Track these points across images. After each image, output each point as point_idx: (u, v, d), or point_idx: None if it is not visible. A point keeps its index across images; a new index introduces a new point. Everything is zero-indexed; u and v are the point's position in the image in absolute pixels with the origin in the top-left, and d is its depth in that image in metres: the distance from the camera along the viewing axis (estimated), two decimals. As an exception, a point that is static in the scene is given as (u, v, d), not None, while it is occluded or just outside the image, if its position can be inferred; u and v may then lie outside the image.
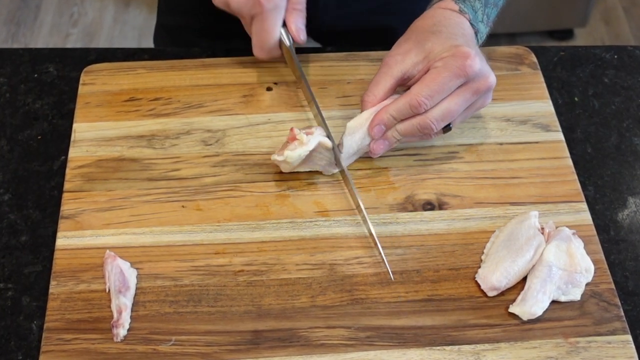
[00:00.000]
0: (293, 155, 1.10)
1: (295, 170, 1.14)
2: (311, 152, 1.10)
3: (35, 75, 1.31)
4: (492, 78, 1.11)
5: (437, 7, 1.17)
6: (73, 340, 1.00)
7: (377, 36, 1.55)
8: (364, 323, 1.02)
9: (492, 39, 1.22)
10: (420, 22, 1.17)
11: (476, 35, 1.16)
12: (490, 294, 1.04)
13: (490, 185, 1.16)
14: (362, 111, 1.14)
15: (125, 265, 1.05)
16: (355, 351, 1.00)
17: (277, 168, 1.16)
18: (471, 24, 1.16)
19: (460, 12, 1.16)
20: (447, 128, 1.13)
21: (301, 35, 1.19)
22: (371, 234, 1.09)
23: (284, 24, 1.19)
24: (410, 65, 1.12)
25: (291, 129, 1.11)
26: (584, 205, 1.14)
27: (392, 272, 1.06)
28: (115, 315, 1.01)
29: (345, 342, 1.01)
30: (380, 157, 1.17)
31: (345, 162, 1.14)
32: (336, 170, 1.15)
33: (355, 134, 1.13)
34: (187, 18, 1.58)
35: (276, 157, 1.11)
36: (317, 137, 1.10)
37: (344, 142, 1.13)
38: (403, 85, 1.14)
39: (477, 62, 1.08)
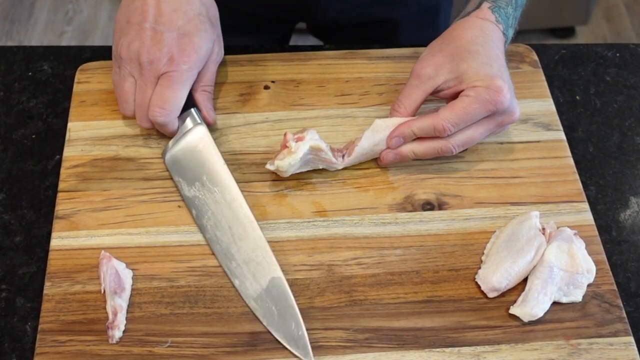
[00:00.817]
0: (283, 165, 1.10)
1: (298, 171, 1.14)
2: (306, 155, 1.11)
3: (30, 74, 1.31)
4: (517, 114, 1.12)
5: (474, 17, 1.16)
6: (68, 342, 1.00)
7: (379, 29, 1.55)
8: (363, 324, 1.02)
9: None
10: (457, 32, 1.15)
11: (505, 43, 1.17)
12: (491, 295, 1.05)
13: (491, 185, 1.16)
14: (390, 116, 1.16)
15: (120, 266, 1.05)
16: (354, 353, 1.00)
17: (274, 167, 1.16)
18: (503, 33, 1.16)
19: (496, 22, 1.15)
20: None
21: (212, 115, 1.18)
22: None
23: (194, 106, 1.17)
24: (442, 81, 1.12)
25: (285, 134, 1.11)
26: (586, 205, 1.14)
27: (390, 272, 1.07)
28: (110, 316, 1.01)
29: (344, 344, 1.01)
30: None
31: (353, 158, 1.15)
32: (341, 167, 1.16)
33: (378, 133, 1.13)
34: None
35: (269, 167, 1.12)
36: (308, 142, 1.11)
37: (364, 136, 1.13)
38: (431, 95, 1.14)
39: (508, 98, 1.09)
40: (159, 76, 1.11)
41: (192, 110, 1.16)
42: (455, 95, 1.11)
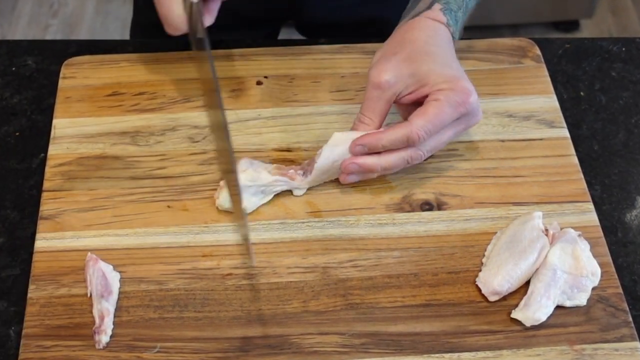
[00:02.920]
0: (220, 203, 1.10)
1: (261, 203, 1.13)
2: (248, 187, 1.10)
3: (13, 69, 1.31)
4: (480, 114, 1.12)
5: (425, 17, 1.14)
6: (53, 347, 1.00)
7: (369, 28, 1.55)
8: (359, 329, 1.02)
9: (494, 31, 1.21)
10: (410, 34, 1.13)
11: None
12: (492, 298, 1.05)
13: (492, 185, 1.16)
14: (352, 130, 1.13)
15: (107, 268, 1.05)
16: (350, 359, 1.00)
17: (267, 166, 1.16)
18: (452, 35, 1.14)
19: (447, 24, 1.14)
20: None
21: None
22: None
23: None
24: (403, 87, 1.10)
25: None
26: (590, 206, 1.14)
27: (388, 275, 1.07)
28: (97, 321, 1.01)
29: (339, 350, 1.01)
30: (376, 154, 1.17)
31: (313, 178, 1.12)
32: (305, 187, 1.14)
33: (338, 147, 1.11)
34: None
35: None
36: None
37: (323, 152, 1.11)
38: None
39: (476, 99, 1.09)
40: None
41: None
42: (416, 100, 1.10)
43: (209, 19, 1.11)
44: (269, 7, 1.51)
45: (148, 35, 1.62)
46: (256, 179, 1.09)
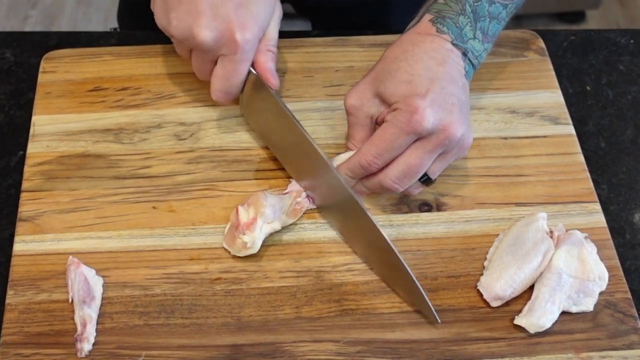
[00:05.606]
0: (242, 253, 1.08)
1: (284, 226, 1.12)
2: (267, 234, 1.09)
3: (-10, 62, 1.31)
4: (452, 130, 1.04)
5: (411, 33, 1.11)
6: (32, 356, 1.00)
7: (369, 10, 1.55)
8: (354, 336, 1.02)
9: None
10: (389, 51, 1.11)
11: (465, 56, 1.09)
12: (494, 304, 1.05)
13: (494, 184, 1.16)
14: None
15: (90, 272, 1.04)
16: (345, 367, 1.00)
17: (257, 165, 1.16)
18: (454, 44, 1.09)
19: (438, 32, 1.09)
20: (427, 180, 1.09)
21: (276, 79, 1.14)
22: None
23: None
24: (371, 109, 1.09)
25: (236, 210, 1.09)
26: (597, 206, 1.14)
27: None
28: (79, 328, 1.01)
29: (334, 358, 1.01)
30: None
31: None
32: (315, 206, 1.14)
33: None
34: None
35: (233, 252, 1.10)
36: (264, 229, 1.07)
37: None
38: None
39: (428, 116, 1.02)
40: (218, 56, 1.11)
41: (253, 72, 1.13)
42: None
43: (275, 83, 1.15)
44: None
45: (135, 17, 1.61)
46: (278, 227, 1.09)
